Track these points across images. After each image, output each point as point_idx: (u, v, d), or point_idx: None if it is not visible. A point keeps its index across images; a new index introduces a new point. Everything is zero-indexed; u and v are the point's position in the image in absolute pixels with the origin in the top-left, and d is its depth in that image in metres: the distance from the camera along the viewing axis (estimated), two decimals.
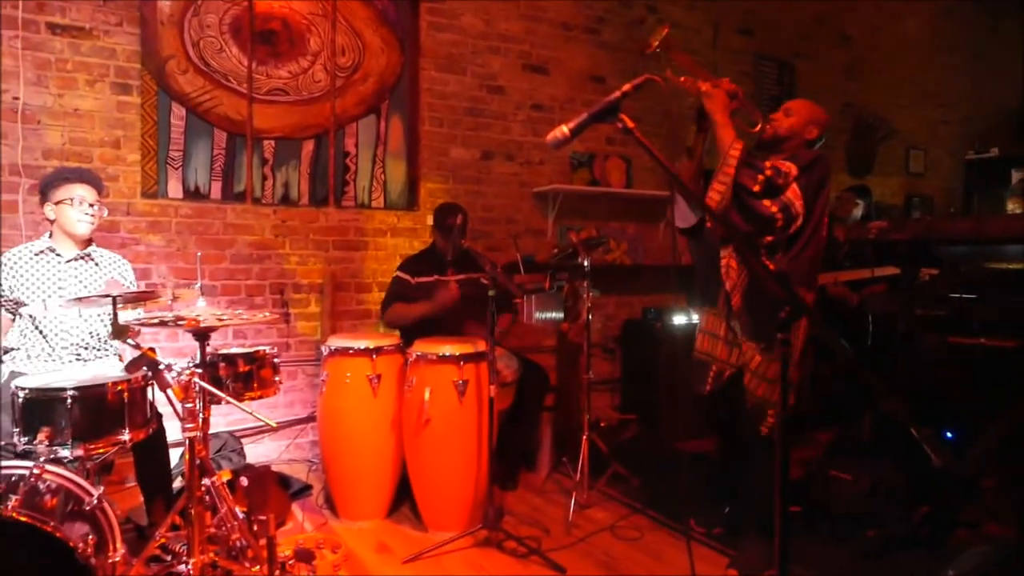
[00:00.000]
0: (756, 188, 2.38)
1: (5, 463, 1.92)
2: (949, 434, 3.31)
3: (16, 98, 3.24)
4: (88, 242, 2.76)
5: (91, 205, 2.67)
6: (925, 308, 3.45)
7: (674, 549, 2.81)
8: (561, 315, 3.47)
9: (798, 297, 1.40)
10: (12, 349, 2.64)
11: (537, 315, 3.34)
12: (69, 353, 2.65)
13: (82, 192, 2.64)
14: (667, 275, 4.96)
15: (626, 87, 1.49)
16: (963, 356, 3.27)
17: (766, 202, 2.38)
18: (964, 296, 3.37)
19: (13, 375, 2.48)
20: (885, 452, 3.27)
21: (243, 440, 3.60)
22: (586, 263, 3.27)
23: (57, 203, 2.63)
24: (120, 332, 2.00)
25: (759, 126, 2.55)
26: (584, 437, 3.24)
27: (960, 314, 3.35)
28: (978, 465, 3.09)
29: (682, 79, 2.44)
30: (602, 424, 4.36)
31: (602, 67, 4.87)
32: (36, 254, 2.66)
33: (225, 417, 3.60)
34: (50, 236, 2.71)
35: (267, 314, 2.51)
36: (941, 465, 3.05)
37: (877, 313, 3.53)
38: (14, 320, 2.63)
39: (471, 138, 4.42)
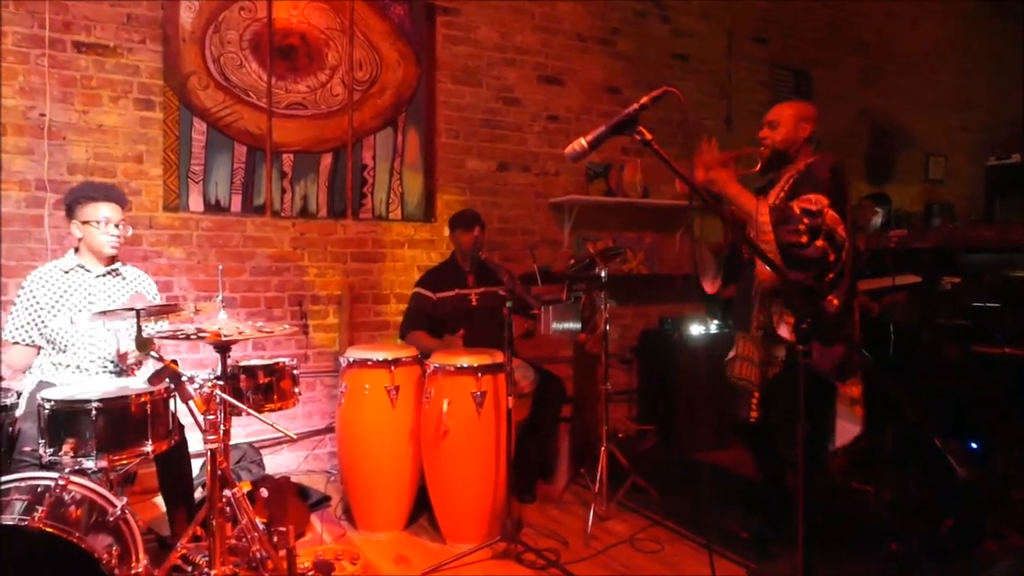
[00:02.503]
0: (803, 240, 2.29)
1: (31, 474, 1.95)
2: (974, 445, 3.25)
3: (43, 115, 3.31)
4: (113, 259, 2.80)
5: (116, 225, 2.70)
6: (948, 317, 3.40)
7: (695, 561, 2.78)
8: (578, 326, 3.46)
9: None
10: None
11: (554, 326, 3.33)
12: (96, 367, 2.69)
13: (107, 212, 2.67)
14: (684, 285, 4.95)
15: (644, 99, 1.49)
16: (987, 366, 3.22)
17: (817, 243, 2.29)
18: (988, 305, 3.31)
19: (41, 385, 2.52)
20: (908, 464, 3.22)
21: (262, 451, 3.63)
22: (603, 273, 3.27)
23: (84, 223, 2.66)
24: (144, 345, 2.03)
25: (757, 165, 2.51)
26: (602, 448, 3.22)
27: (984, 323, 3.30)
28: (1005, 477, 3.04)
29: (677, 185, 2.40)
30: (620, 435, 4.34)
31: (617, 78, 4.89)
32: (66, 272, 2.69)
33: (245, 428, 3.63)
34: (76, 251, 2.75)
35: (287, 327, 2.52)
36: (966, 477, 3.00)
37: (899, 323, 3.48)
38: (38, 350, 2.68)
39: (487, 149, 4.45)
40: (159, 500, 3.01)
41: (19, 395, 2.48)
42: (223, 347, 2.35)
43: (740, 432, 2.86)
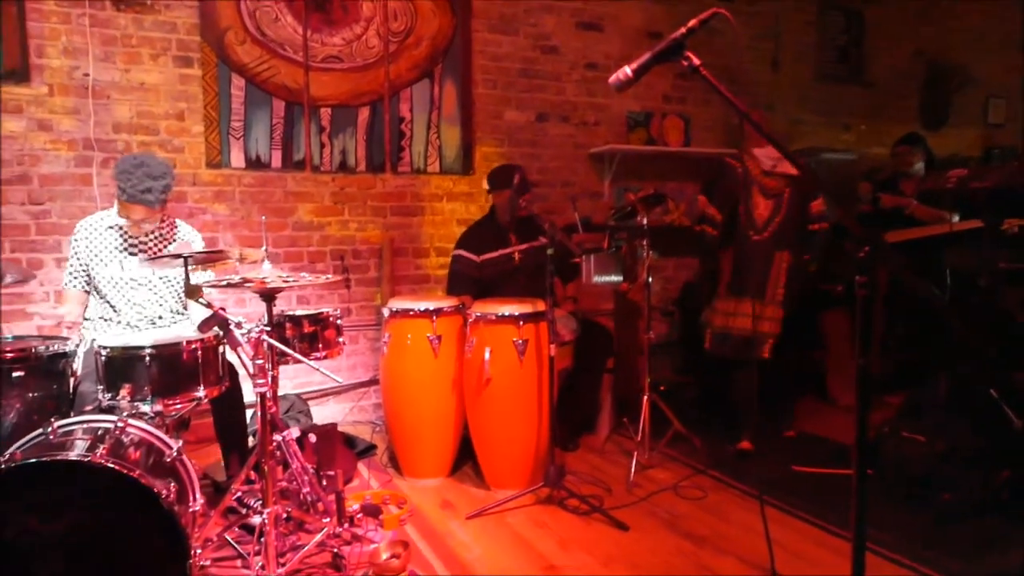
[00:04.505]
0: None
1: (92, 417, 2.02)
2: None
3: (86, 74, 3.36)
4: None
5: (139, 223, 2.66)
6: (1010, 261, 3.24)
7: (740, 509, 2.77)
8: (620, 277, 3.41)
9: (881, 241, 1.34)
10: (88, 320, 2.76)
11: (596, 277, 3.29)
12: (145, 324, 2.76)
13: (135, 214, 2.62)
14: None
15: (692, 23, 1.42)
16: None
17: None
18: None
19: (94, 344, 2.59)
20: (963, 414, 3.13)
21: (309, 402, 3.71)
22: (645, 221, 3.20)
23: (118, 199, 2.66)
24: (192, 291, 2.07)
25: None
26: (645, 398, 3.20)
27: None
28: None
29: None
30: (661, 387, 4.31)
31: (658, 22, 4.72)
32: (110, 227, 2.74)
33: (292, 380, 3.71)
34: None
35: (330, 276, 2.55)
36: (1022, 428, 2.90)
37: (956, 267, 3.35)
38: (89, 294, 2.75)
39: (525, 100, 4.37)
40: (213, 450, 3.11)
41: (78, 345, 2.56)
42: (269, 296, 2.39)
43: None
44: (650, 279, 3.29)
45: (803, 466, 3.15)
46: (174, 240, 2.82)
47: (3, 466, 1.65)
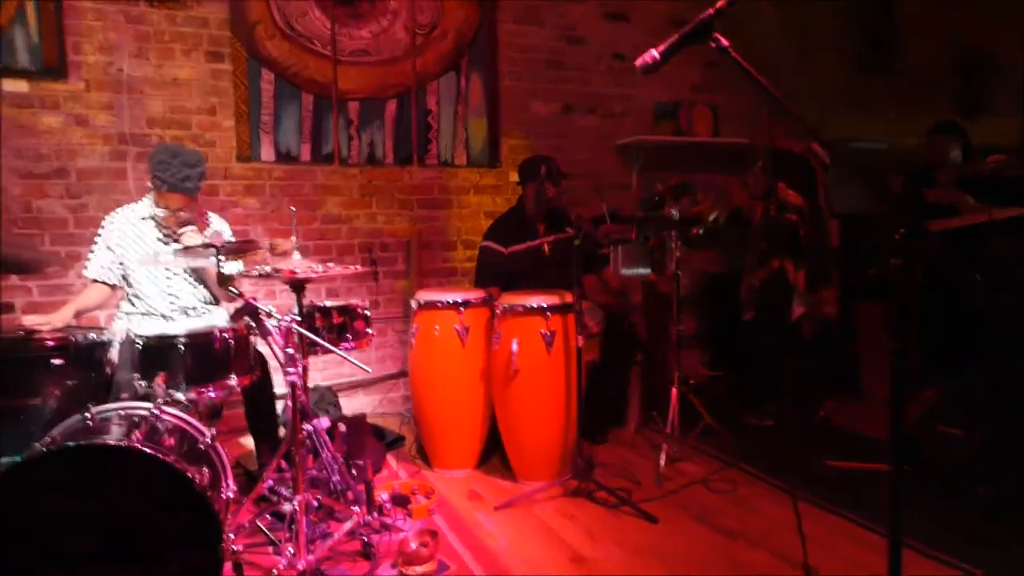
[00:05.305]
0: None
1: (128, 404, 2.06)
2: None
3: (120, 70, 3.42)
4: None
5: (176, 211, 2.68)
6: None
7: (771, 503, 2.73)
8: (648, 269, 3.39)
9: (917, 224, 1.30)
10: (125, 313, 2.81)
11: (624, 269, 3.28)
12: (178, 314, 2.80)
13: (169, 203, 2.65)
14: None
15: (720, 3, 1.39)
16: None
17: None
18: None
19: (130, 334, 2.64)
20: (1001, 407, 3.05)
21: (338, 394, 3.74)
22: (674, 211, 3.17)
23: (152, 191, 2.70)
24: (225, 281, 2.10)
25: None
26: (674, 390, 3.17)
27: None
28: None
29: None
30: (691, 381, 4.27)
31: (685, 12, 4.60)
32: (142, 219, 2.78)
33: (321, 372, 3.75)
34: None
35: (358, 266, 2.57)
36: None
37: (994, 257, 3.26)
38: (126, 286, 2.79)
39: (551, 91, 4.35)
40: (245, 440, 3.16)
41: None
42: (298, 286, 2.42)
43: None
44: (679, 271, 3.25)
45: (836, 461, 3.10)
46: (207, 230, 2.86)
47: (44, 449, 1.69)
